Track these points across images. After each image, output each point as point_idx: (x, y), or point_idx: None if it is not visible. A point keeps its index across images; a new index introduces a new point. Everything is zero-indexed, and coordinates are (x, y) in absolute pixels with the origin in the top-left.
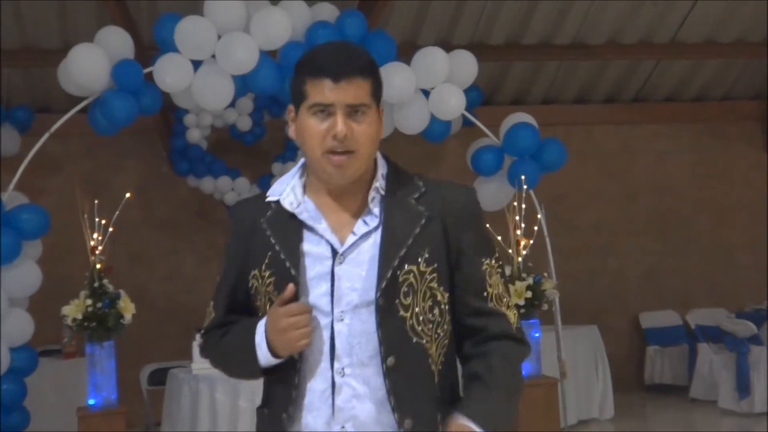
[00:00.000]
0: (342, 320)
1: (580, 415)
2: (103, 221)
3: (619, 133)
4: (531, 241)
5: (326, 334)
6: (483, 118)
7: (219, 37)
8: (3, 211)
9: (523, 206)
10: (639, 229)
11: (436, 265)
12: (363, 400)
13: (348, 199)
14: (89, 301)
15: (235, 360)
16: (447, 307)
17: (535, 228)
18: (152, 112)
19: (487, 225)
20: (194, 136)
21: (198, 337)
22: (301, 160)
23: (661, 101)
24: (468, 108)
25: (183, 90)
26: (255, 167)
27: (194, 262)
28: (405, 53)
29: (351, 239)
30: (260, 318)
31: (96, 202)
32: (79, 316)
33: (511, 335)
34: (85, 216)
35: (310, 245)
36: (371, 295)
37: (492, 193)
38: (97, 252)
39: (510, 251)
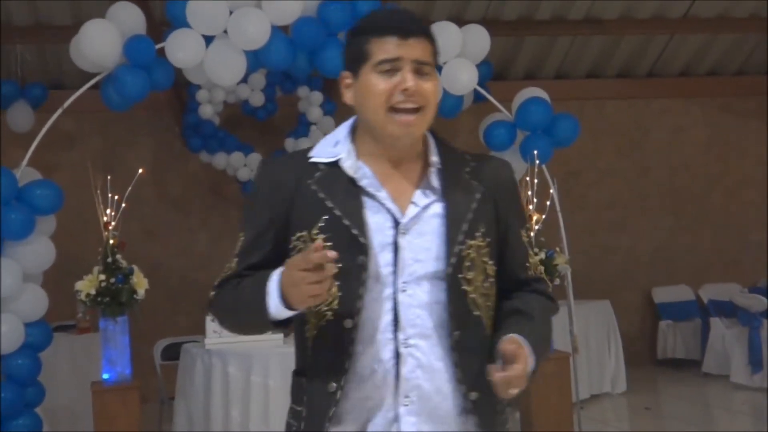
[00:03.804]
0: (405, 291)
1: (592, 390)
2: (116, 197)
3: (632, 109)
4: (543, 216)
5: (389, 305)
6: (495, 93)
7: (231, 12)
8: (17, 186)
9: (536, 181)
10: (652, 204)
11: (489, 240)
12: (426, 371)
13: (405, 167)
14: (102, 277)
15: (245, 308)
16: (494, 279)
17: (548, 203)
18: (164, 88)
19: None
20: (207, 111)
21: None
22: (347, 123)
23: (675, 76)
24: (478, 83)
25: (195, 65)
26: (268, 143)
27: (207, 238)
28: None
29: (413, 210)
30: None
31: (109, 178)
32: (93, 292)
33: (545, 293)
34: (98, 192)
35: (369, 213)
36: (434, 266)
37: None
38: (110, 228)
39: None
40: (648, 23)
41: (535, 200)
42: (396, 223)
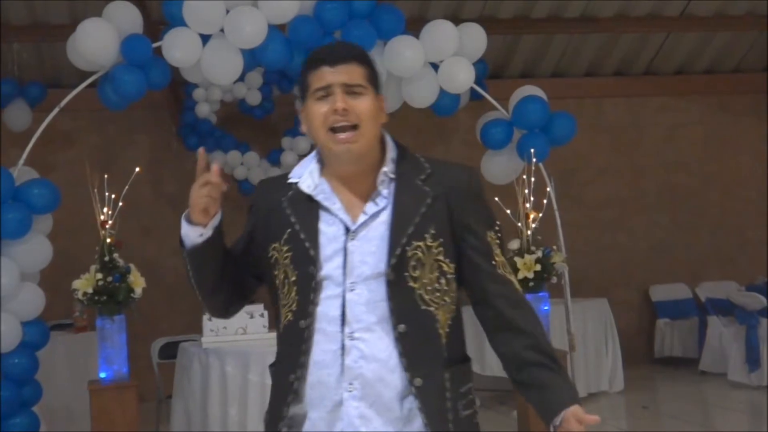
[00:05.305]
0: (353, 290)
1: (589, 388)
2: (113, 196)
3: (629, 106)
4: (540, 215)
5: (338, 302)
6: (492, 91)
7: (227, 11)
8: (14, 185)
9: (533, 180)
10: (649, 202)
11: (441, 240)
12: (369, 361)
13: (359, 181)
14: (99, 276)
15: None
16: (453, 276)
17: (545, 201)
18: (161, 87)
19: (492, 198)
20: (203, 110)
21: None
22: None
23: (671, 74)
24: (475, 81)
25: (192, 64)
26: (264, 142)
27: None
28: (414, 27)
29: (362, 218)
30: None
31: (106, 176)
32: (90, 291)
33: (522, 302)
34: (95, 191)
35: (325, 224)
36: (380, 268)
37: (501, 166)
38: (107, 226)
39: (519, 224)
40: (644, 21)
41: (532, 198)
42: (347, 231)
